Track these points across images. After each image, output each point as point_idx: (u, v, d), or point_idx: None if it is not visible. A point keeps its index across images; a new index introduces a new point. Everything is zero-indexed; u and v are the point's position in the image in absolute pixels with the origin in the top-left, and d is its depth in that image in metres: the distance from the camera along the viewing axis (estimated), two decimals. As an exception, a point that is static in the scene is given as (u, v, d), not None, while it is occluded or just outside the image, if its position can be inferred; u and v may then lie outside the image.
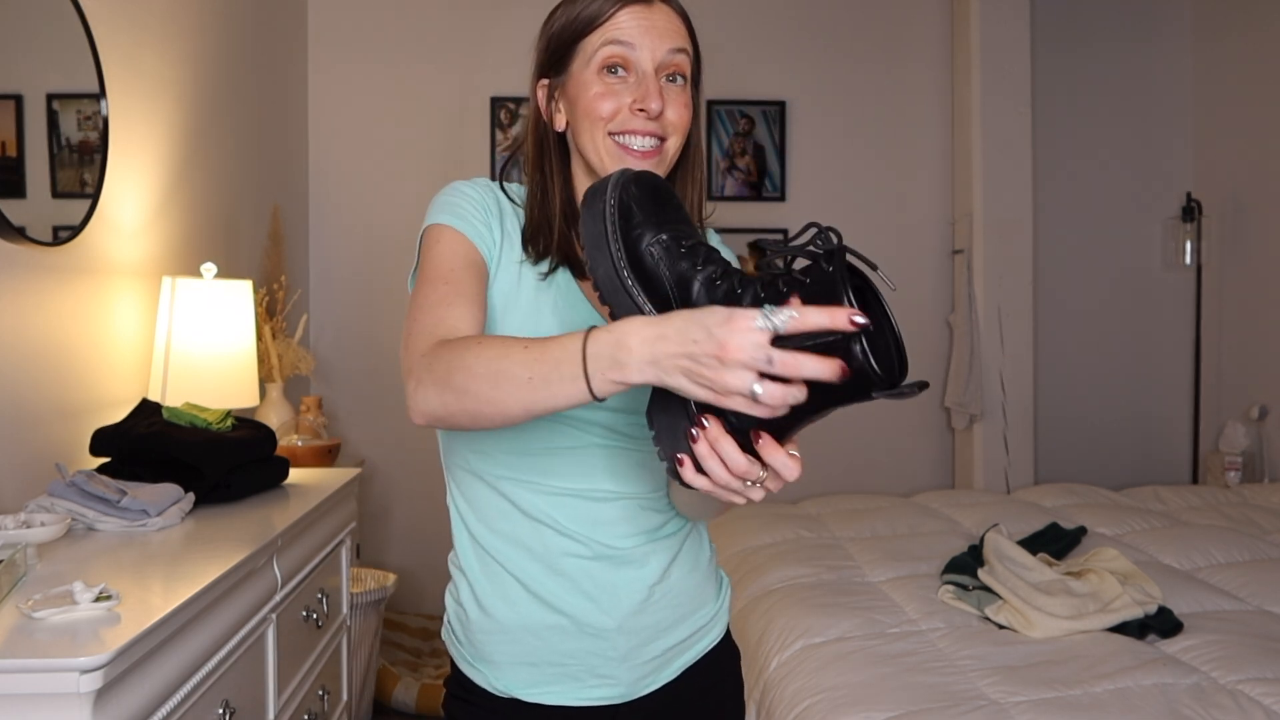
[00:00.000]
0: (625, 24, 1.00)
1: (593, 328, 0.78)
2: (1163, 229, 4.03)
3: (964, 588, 2.13)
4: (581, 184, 1.08)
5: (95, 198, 1.90)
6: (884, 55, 3.83)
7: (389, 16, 3.59)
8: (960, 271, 3.74)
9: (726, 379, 0.69)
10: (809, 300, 0.71)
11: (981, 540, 2.31)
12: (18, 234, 1.64)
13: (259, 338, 2.58)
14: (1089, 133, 4.00)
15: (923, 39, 3.85)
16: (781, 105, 3.75)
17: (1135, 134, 4.03)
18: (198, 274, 2.08)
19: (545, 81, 1.07)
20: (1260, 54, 3.75)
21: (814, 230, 0.76)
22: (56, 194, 1.81)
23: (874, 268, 0.75)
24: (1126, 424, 4.05)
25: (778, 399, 0.68)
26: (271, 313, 2.87)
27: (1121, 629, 1.92)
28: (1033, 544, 2.40)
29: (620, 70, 1.01)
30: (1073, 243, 3.99)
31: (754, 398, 0.69)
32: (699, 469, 0.75)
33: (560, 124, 1.06)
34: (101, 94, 1.91)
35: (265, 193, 3.05)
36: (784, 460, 0.74)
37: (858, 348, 0.68)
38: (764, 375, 0.69)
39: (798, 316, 0.68)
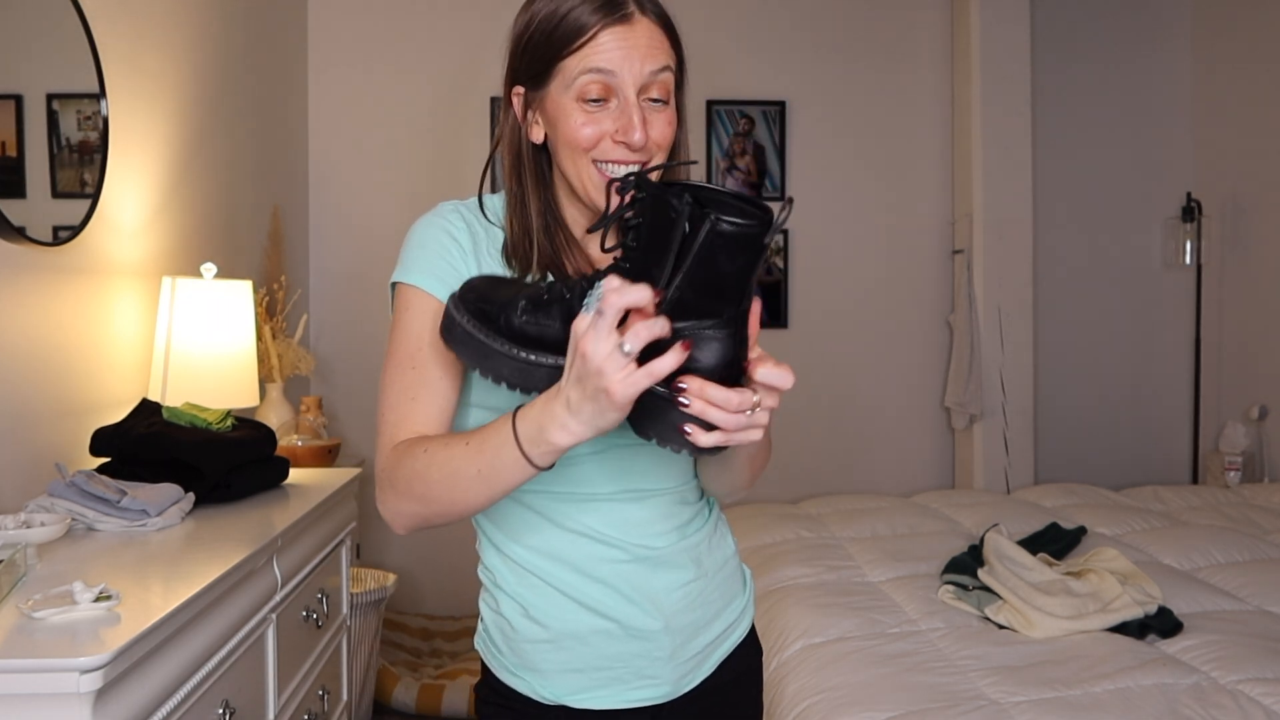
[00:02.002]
0: (606, 48, 0.94)
1: (519, 408, 0.85)
2: (1163, 229, 4.03)
3: (964, 588, 2.13)
4: (564, 196, 1.05)
5: (95, 198, 1.90)
6: (884, 55, 3.83)
7: (389, 17, 3.59)
8: (960, 271, 3.74)
9: (601, 367, 0.75)
10: (653, 239, 0.79)
11: (981, 540, 2.31)
12: (18, 234, 1.64)
13: (259, 338, 2.58)
14: (1089, 133, 4.00)
15: (923, 39, 3.85)
16: (781, 105, 3.75)
17: (1135, 134, 4.03)
18: (198, 274, 2.08)
19: (520, 90, 1.02)
20: (1260, 54, 3.75)
21: (619, 189, 0.82)
22: (56, 194, 1.81)
23: (687, 176, 0.81)
24: (1126, 424, 4.05)
25: (644, 338, 0.74)
26: (271, 313, 2.87)
27: (1121, 629, 1.92)
28: (1033, 544, 2.40)
29: (601, 99, 0.96)
30: (1073, 243, 3.99)
31: (630, 356, 0.75)
32: (707, 429, 0.78)
33: (538, 136, 1.02)
34: (101, 94, 1.91)
35: (265, 193, 3.05)
36: (774, 371, 0.79)
37: (723, 225, 0.74)
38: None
39: (605, 288, 0.75)
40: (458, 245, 1.01)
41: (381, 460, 0.97)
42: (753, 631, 1.17)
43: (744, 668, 1.15)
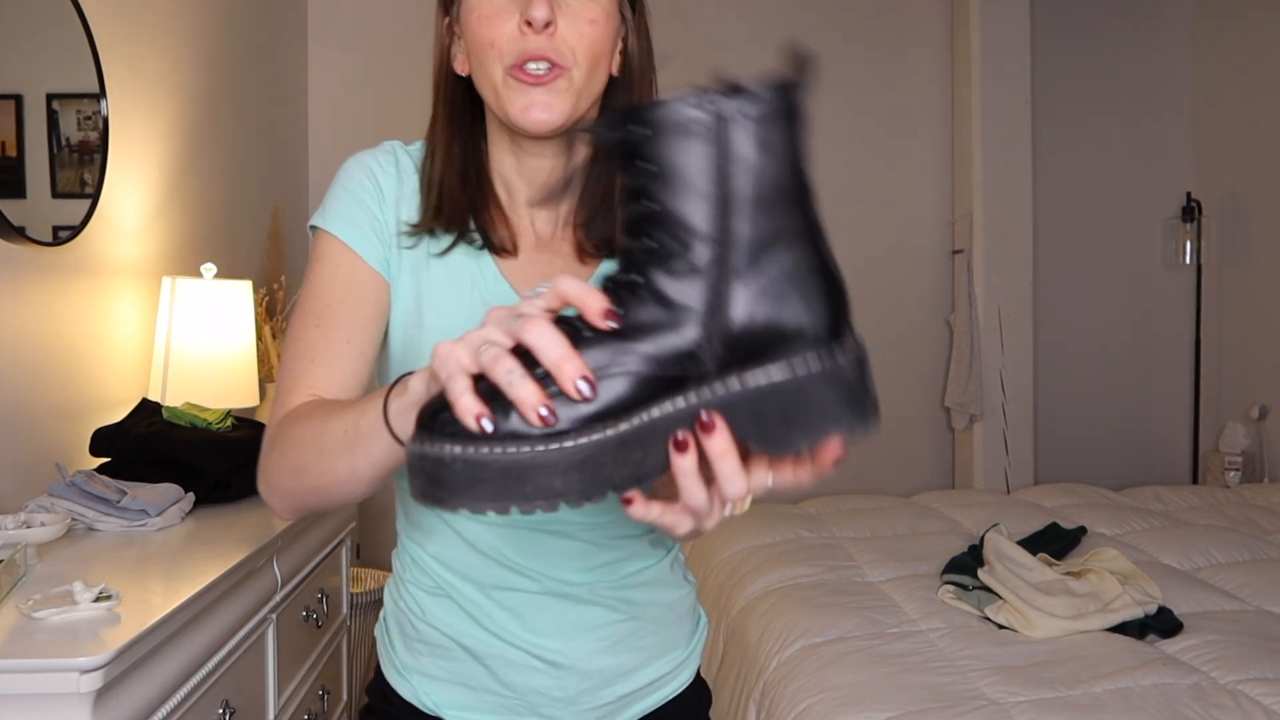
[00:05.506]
0: None
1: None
2: (1163, 229, 4.03)
3: (964, 588, 2.13)
4: (498, 141, 0.90)
5: (95, 198, 1.90)
6: (884, 55, 3.83)
7: (389, 16, 3.59)
8: (960, 271, 3.74)
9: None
10: (672, 185, 0.54)
11: (981, 540, 2.31)
12: (18, 234, 1.64)
13: (259, 338, 2.58)
14: (1089, 133, 4.00)
15: (923, 39, 3.85)
16: (781, 105, 3.74)
17: (1135, 134, 4.03)
18: (198, 274, 2.07)
19: (447, 20, 0.88)
20: (1260, 54, 3.75)
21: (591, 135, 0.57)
22: (56, 194, 1.81)
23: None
24: (1126, 424, 4.05)
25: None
26: (271, 313, 2.87)
27: (1121, 629, 1.92)
28: (1033, 544, 2.40)
29: None
30: (1073, 243, 4.00)
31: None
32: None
33: (462, 66, 0.87)
34: (101, 94, 1.91)
35: (265, 193, 3.05)
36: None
37: (753, 105, 0.53)
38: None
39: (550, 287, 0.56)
40: (376, 188, 0.88)
41: (267, 439, 0.82)
42: (695, 684, 1.03)
43: None
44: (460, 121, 0.89)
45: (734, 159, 0.53)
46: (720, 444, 0.53)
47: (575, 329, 0.54)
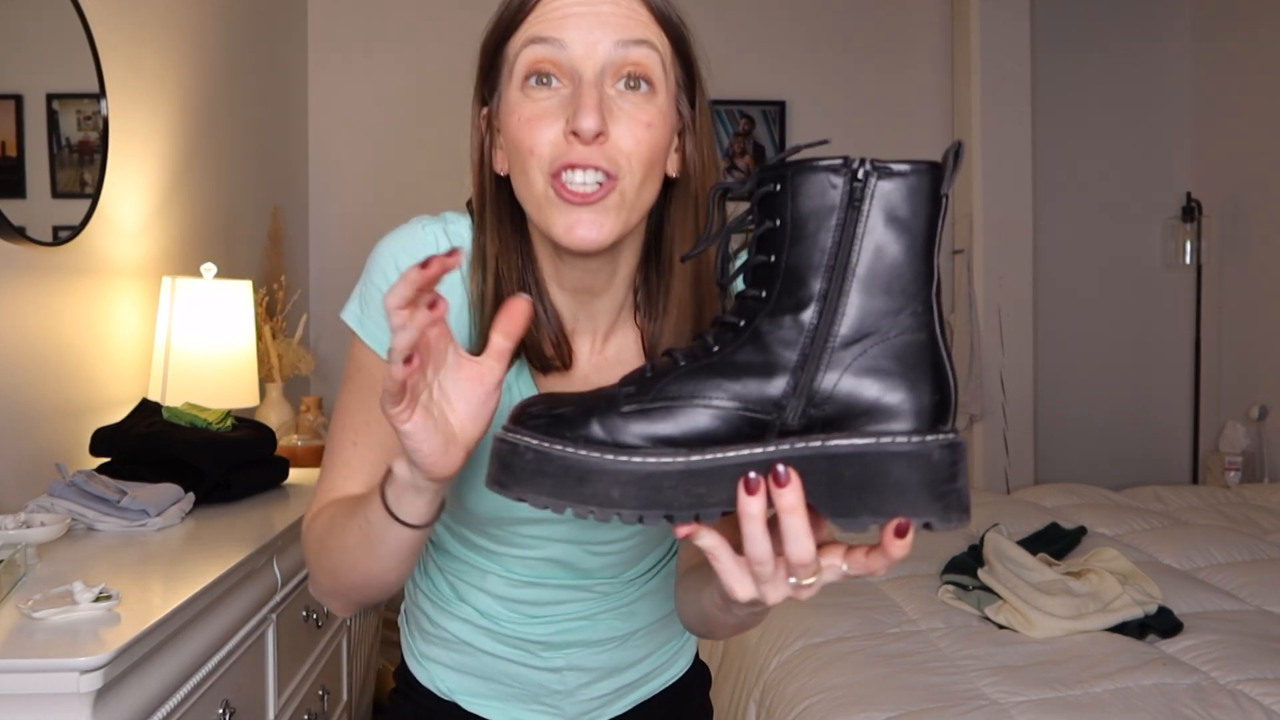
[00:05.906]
0: (553, 13, 0.72)
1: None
2: (1163, 229, 4.03)
3: (964, 588, 2.13)
4: (540, 247, 0.81)
5: (95, 198, 1.90)
6: (884, 55, 3.83)
7: (389, 16, 3.59)
8: (960, 271, 3.74)
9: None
10: (797, 241, 0.57)
11: (981, 540, 2.31)
12: (18, 234, 1.64)
13: (259, 338, 2.58)
14: (1089, 133, 4.00)
15: (923, 39, 3.85)
16: (781, 105, 3.75)
17: (1135, 134, 4.03)
18: (198, 274, 2.08)
19: (485, 111, 0.80)
20: (1260, 54, 3.75)
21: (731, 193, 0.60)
22: (56, 194, 1.81)
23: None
24: (1126, 424, 4.05)
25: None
26: (271, 313, 2.87)
27: (1121, 629, 1.92)
28: (1033, 544, 2.40)
29: (553, 80, 0.73)
30: (1073, 243, 4.00)
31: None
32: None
33: (501, 165, 0.79)
34: (101, 94, 1.91)
35: (265, 193, 3.05)
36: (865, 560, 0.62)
37: (891, 174, 0.57)
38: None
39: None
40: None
41: (305, 528, 0.84)
42: (693, 668, 1.09)
43: (676, 707, 1.07)
44: (511, 229, 0.81)
45: (860, 230, 0.54)
46: (790, 499, 0.53)
47: (674, 360, 0.57)
